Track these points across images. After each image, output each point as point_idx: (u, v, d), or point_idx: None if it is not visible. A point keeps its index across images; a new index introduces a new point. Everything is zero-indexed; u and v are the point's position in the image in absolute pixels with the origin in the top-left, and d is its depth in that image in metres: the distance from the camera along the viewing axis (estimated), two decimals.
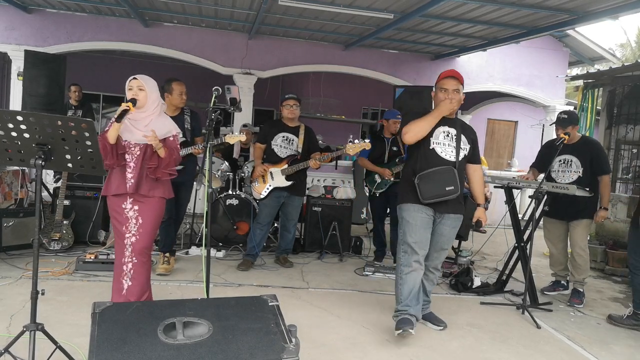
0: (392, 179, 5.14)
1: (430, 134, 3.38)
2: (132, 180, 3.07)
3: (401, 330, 3.22)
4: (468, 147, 3.46)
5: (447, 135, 3.42)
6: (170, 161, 3.16)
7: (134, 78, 3.05)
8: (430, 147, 3.38)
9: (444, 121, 3.42)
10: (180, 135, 4.25)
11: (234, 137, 4.00)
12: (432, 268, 3.59)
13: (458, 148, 3.40)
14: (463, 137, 3.45)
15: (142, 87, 3.03)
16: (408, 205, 3.41)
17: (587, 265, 4.55)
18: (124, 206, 3.11)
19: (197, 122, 4.54)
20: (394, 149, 5.31)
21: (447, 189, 3.28)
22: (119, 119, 2.88)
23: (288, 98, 4.85)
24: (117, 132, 2.98)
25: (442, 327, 3.61)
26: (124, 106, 2.89)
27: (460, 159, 3.39)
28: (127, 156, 3.09)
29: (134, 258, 3.12)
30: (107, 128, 3.03)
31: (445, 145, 3.39)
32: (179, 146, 3.31)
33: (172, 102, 4.34)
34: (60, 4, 7.35)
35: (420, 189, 3.31)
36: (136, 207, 3.11)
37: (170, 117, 4.24)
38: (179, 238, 5.25)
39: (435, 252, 3.53)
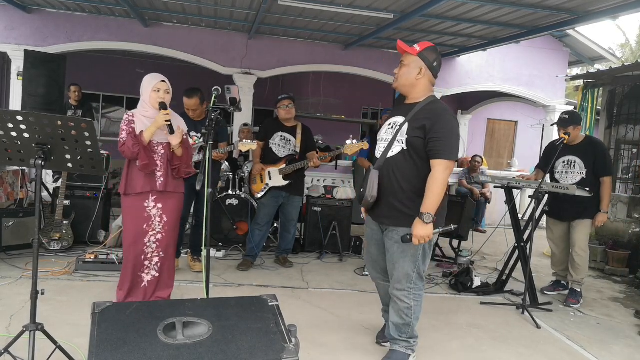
0: None
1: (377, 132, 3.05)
2: (162, 179, 3.20)
3: (376, 341, 3.27)
4: (405, 138, 2.75)
5: (391, 128, 2.87)
6: (189, 158, 3.35)
7: (163, 81, 3.14)
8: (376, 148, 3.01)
9: (400, 110, 2.91)
10: (202, 140, 4.34)
11: (247, 145, 4.08)
12: (392, 293, 2.90)
13: (392, 141, 2.80)
14: (406, 127, 2.76)
15: (169, 91, 3.16)
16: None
17: (586, 265, 4.54)
18: (146, 204, 3.19)
19: (220, 127, 4.57)
20: None
21: (359, 193, 2.97)
22: (171, 129, 3.09)
23: (282, 99, 4.88)
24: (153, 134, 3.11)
25: None
26: (166, 117, 3.04)
27: (390, 155, 2.80)
28: (154, 156, 3.21)
29: (160, 252, 3.28)
30: (124, 135, 3.09)
31: (383, 141, 2.90)
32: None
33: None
34: (60, 4, 7.35)
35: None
36: (160, 205, 3.22)
37: (195, 121, 4.44)
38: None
39: (389, 271, 2.92)
